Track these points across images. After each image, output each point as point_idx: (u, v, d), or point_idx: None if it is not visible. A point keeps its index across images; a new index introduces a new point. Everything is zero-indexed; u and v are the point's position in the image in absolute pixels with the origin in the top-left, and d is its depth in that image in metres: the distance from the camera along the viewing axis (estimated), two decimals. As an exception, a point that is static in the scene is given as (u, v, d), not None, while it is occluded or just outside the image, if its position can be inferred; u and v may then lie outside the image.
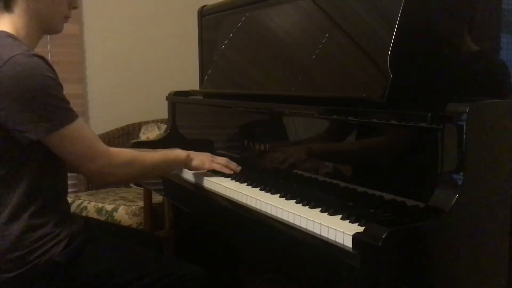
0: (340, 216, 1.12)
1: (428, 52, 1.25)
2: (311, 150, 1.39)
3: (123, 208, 2.41)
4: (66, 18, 1.40)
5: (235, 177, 1.54)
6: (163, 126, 2.85)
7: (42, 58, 1.22)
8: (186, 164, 1.58)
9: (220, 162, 1.60)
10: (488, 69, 1.31)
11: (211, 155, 1.63)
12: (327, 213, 1.15)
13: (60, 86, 1.25)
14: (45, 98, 1.20)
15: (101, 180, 1.36)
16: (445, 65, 1.27)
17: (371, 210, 1.15)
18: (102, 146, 1.33)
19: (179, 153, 1.58)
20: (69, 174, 1.44)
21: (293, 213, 1.17)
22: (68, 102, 1.26)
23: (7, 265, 1.24)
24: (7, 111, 1.19)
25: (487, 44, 1.31)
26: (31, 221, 1.26)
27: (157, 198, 2.48)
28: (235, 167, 1.59)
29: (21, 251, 1.24)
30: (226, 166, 1.59)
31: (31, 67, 1.19)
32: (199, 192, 1.59)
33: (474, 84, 1.27)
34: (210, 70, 2.00)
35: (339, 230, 1.03)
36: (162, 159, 1.52)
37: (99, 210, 2.42)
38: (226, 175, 1.57)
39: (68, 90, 1.27)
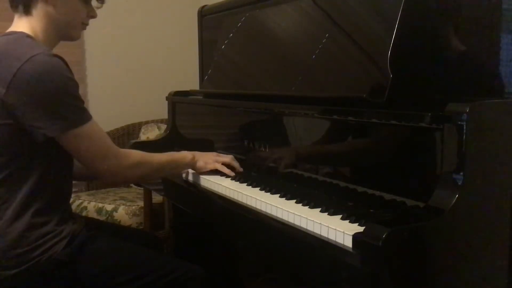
0: (340, 216, 1.12)
1: (428, 52, 1.25)
2: (311, 150, 1.40)
3: (123, 208, 2.41)
4: (84, 25, 1.42)
5: (235, 177, 1.54)
6: (163, 126, 2.85)
7: (61, 58, 1.25)
8: (192, 165, 1.59)
9: (224, 160, 1.61)
10: (488, 69, 1.31)
11: (216, 154, 1.64)
12: (327, 213, 1.15)
13: (77, 87, 1.28)
14: (63, 97, 1.23)
15: (110, 179, 1.40)
16: (446, 65, 1.27)
17: (371, 210, 1.15)
18: (113, 146, 1.37)
19: (185, 154, 1.60)
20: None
21: (293, 213, 1.17)
22: (83, 102, 1.29)
23: (9, 262, 1.26)
24: (25, 108, 1.21)
25: (487, 44, 1.31)
26: (34, 219, 1.27)
27: (157, 198, 2.48)
28: (238, 167, 1.60)
29: (23, 249, 1.26)
30: (230, 164, 1.60)
31: (51, 66, 1.22)
32: (199, 192, 1.59)
33: (475, 84, 1.27)
34: (210, 70, 1.99)
35: (339, 230, 1.03)
36: (169, 160, 1.55)
37: (99, 210, 2.41)
38: (226, 175, 1.57)
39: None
